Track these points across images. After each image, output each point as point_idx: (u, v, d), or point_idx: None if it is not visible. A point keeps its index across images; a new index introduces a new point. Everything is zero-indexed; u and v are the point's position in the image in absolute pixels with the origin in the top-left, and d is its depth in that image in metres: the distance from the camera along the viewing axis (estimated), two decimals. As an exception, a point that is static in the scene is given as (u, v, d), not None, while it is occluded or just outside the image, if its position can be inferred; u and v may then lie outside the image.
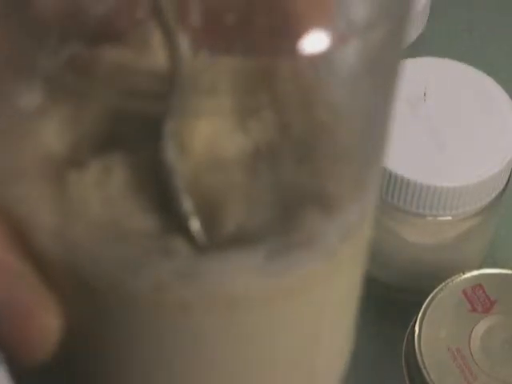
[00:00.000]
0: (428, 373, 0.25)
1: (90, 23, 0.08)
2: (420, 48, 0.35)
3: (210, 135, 0.09)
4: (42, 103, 0.09)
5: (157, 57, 0.09)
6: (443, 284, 0.27)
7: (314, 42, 0.08)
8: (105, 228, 0.09)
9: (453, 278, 0.27)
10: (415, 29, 0.35)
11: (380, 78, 0.10)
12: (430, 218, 0.28)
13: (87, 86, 0.08)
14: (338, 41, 0.08)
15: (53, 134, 0.09)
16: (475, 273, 0.28)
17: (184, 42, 0.08)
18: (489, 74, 0.30)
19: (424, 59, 0.30)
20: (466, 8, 0.49)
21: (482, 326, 0.26)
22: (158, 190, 0.09)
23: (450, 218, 0.28)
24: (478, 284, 0.27)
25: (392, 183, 0.26)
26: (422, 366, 0.25)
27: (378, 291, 0.32)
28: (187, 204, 0.09)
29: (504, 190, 0.29)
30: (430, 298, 0.26)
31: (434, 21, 0.38)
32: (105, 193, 0.09)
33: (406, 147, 0.26)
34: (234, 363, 0.10)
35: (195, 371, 0.10)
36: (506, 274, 0.28)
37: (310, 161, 0.09)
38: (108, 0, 0.08)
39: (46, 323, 0.09)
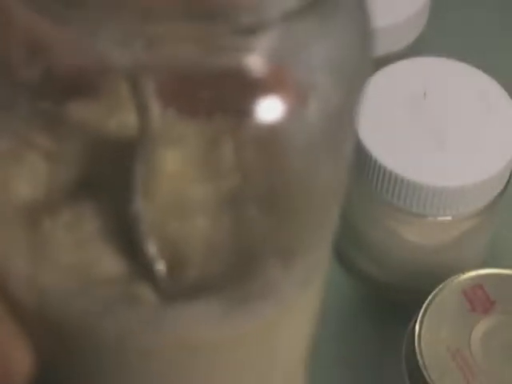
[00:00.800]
0: (428, 373, 0.25)
1: (61, 80, 0.09)
2: (420, 48, 0.35)
3: (176, 184, 0.09)
4: (15, 151, 0.09)
5: (126, 109, 0.09)
6: (443, 284, 0.27)
7: (272, 108, 0.09)
8: (73, 273, 0.09)
9: (453, 277, 0.27)
10: (415, 29, 0.35)
11: (335, 144, 0.11)
12: (431, 218, 0.28)
13: (56, 141, 0.09)
14: (294, 108, 0.09)
15: (26, 181, 0.09)
16: (475, 273, 0.28)
17: (153, 101, 0.09)
18: (489, 73, 0.30)
19: (424, 59, 0.30)
20: (465, 8, 0.49)
21: (482, 326, 0.26)
22: (126, 237, 0.09)
23: (450, 218, 0.28)
24: (478, 284, 0.27)
25: (392, 183, 0.26)
26: (422, 367, 0.25)
27: (378, 291, 0.32)
28: (153, 251, 0.09)
29: (504, 189, 0.29)
30: (430, 298, 0.26)
31: (433, 21, 0.38)
32: (75, 239, 0.09)
33: (405, 147, 0.27)
34: None
35: None
36: (507, 275, 0.28)
37: (269, 216, 0.10)
38: (76, 60, 0.09)
39: (20, 362, 0.09)
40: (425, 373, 0.25)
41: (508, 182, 0.29)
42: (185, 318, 0.09)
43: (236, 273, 0.09)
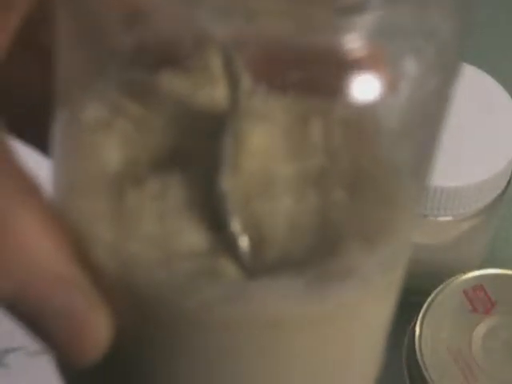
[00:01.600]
0: (429, 373, 0.25)
1: (154, 50, 0.09)
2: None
3: (263, 161, 0.09)
4: (104, 121, 0.09)
5: (216, 83, 0.09)
6: (444, 284, 0.27)
7: (366, 89, 0.09)
8: (157, 244, 0.09)
9: (453, 278, 0.27)
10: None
11: (426, 129, 0.10)
12: (431, 219, 0.28)
13: (147, 110, 0.09)
14: (389, 90, 0.09)
15: (113, 151, 0.10)
16: (476, 273, 0.28)
17: (245, 76, 0.09)
18: (490, 73, 0.30)
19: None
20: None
21: (483, 327, 0.26)
22: (210, 211, 0.09)
23: (450, 218, 0.28)
24: (478, 284, 0.27)
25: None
26: (422, 367, 0.25)
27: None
28: (237, 227, 0.09)
29: (505, 189, 0.30)
30: (430, 298, 0.26)
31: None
32: (159, 210, 0.09)
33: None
34: (267, 379, 0.11)
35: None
36: (507, 275, 0.28)
37: (355, 198, 0.09)
38: (172, 30, 0.09)
39: (99, 329, 0.10)
40: (425, 373, 0.25)
41: (509, 182, 0.29)
42: (266, 293, 0.09)
43: (319, 252, 0.09)
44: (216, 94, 0.09)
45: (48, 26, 0.10)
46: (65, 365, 0.12)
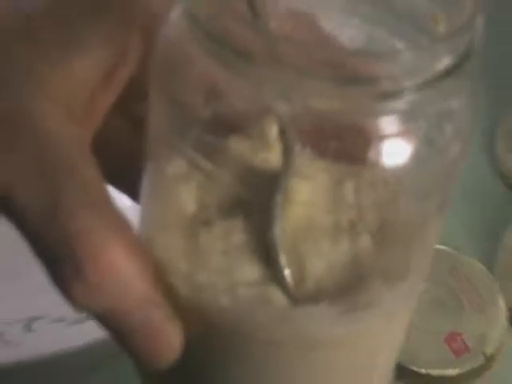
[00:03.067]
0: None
1: (225, 120, 0.11)
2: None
3: (306, 212, 0.12)
4: (183, 174, 0.12)
5: (271, 148, 0.12)
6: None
7: (393, 157, 0.11)
8: (221, 275, 0.12)
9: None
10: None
11: (438, 190, 0.13)
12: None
13: (216, 167, 0.12)
14: (416, 159, 0.11)
15: (189, 199, 0.12)
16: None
17: (295, 143, 0.11)
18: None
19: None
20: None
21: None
22: (264, 250, 0.12)
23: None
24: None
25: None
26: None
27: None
28: (284, 263, 0.12)
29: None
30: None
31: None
32: (224, 247, 0.12)
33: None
34: None
35: None
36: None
37: (379, 244, 0.12)
38: (240, 105, 0.11)
39: (173, 338, 0.13)
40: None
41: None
42: (307, 318, 0.12)
43: (349, 287, 0.12)
44: (271, 156, 0.12)
45: (140, 99, 0.12)
46: (144, 367, 0.14)
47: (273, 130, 0.11)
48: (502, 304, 0.27)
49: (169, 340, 0.13)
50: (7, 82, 0.12)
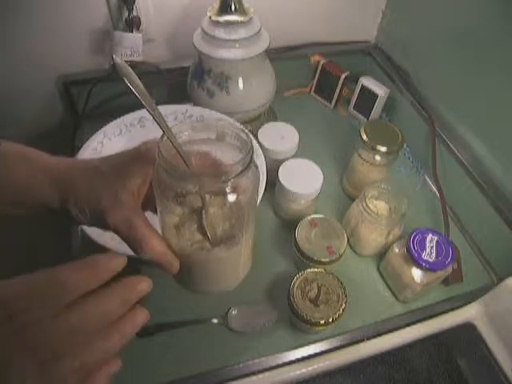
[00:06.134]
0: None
1: (182, 193, 0.37)
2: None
3: (214, 217, 0.39)
4: (170, 211, 0.38)
5: (198, 199, 0.37)
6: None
7: (232, 197, 0.37)
8: (188, 241, 0.39)
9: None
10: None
11: (252, 205, 0.40)
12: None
13: (184, 209, 0.37)
14: (240, 196, 0.38)
15: (174, 217, 0.38)
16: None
17: (204, 196, 0.38)
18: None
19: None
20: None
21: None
22: (203, 229, 0.39)
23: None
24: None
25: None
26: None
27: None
28: (209, 232, 0.39)
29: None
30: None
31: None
32: (189, 231, 0.39)
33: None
34: (214, 274, 0.44)
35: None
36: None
37: (237, 221, 0.39)
38: (184, 190, 0.36)
39: (175, 265, 0.39)
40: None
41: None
42: (216, 251, 0.38)
43: (228, 238, 0.39)
44: (199, 201, 0.36)
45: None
46: (169, 273, 0.40)
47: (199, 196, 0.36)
48: (345, 236, 0.66)
49: (174, 265, 0.39)
50: (116, 192, 0.37)
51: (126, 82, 0.31)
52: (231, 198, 0.35)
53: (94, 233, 0.59)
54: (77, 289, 0.26)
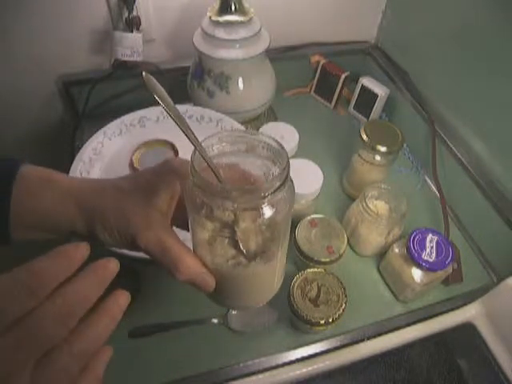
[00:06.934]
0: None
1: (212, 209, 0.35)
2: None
3: (247, 230, 0.37)
4: (201, 225, 0.35)
5: (229, 214, 0.35)
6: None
7: (268, 213, 0.35)
8: (222, 257, 0.38)
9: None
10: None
11: (286, 223, 0.38)
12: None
13: (214, 223, 0.35)
14: (275, 213, 0.35)
15: (206, 233, 0.36)
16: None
17: (237, 213, 0.36)
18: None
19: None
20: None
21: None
22: (236, 244, 0.37)
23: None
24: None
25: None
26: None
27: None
28: (243, 246, 0.37)
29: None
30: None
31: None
32: (221, 247, 0.37)
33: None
34: (248, 289, 0.42)
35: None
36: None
37: (272, 237, 0.37)
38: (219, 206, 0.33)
39: (211, 283, 0.38)
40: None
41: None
42: (252, 265, 0.37)
43: (263, 253, 0.36)
44: (231, 217, 0.34)
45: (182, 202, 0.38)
46: (205, 292, 0.39)
47: (229, 210, 0.34)
48: (345, 236, 0.66)
49: (210, 284, 0.38)
50: (145, 212, 0.37)
51: (157, 98, 0.31)
52: (267, 213, 0.33)
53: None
54: (54, 278, 0.26)
